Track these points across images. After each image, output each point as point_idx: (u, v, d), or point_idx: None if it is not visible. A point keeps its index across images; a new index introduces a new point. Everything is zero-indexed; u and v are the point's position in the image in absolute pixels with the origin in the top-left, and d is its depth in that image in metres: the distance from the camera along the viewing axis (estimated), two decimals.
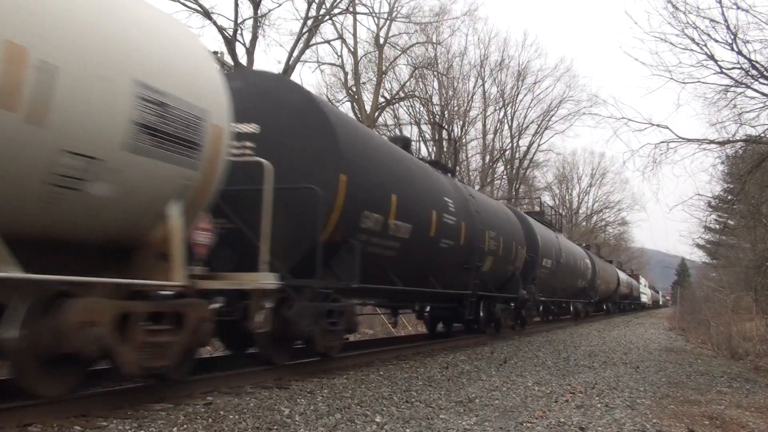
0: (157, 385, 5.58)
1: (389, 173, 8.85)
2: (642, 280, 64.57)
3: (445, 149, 34.36)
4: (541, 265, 16.97)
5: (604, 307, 35.33)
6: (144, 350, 4.90)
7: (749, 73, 9.55)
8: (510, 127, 40.16)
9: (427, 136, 35.33)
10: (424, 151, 29.92)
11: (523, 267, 15.99)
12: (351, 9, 25.66)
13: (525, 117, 40.76)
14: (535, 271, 17.57)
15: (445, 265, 10.95)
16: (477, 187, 31.50)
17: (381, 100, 29.93)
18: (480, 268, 12.49)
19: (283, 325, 6.72)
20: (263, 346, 7.04)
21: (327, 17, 24.31)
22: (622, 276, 42.13)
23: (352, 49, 28.10)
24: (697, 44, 9.65)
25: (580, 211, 59.53)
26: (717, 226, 23.04)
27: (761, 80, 9.57)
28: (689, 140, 10.44)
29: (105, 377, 5.72)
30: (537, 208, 29.67)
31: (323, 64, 31.16)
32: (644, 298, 64.29)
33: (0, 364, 5.02)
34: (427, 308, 14.10)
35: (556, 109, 41.14)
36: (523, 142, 41.81)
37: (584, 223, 58.60)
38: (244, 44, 21.27)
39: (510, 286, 15.15)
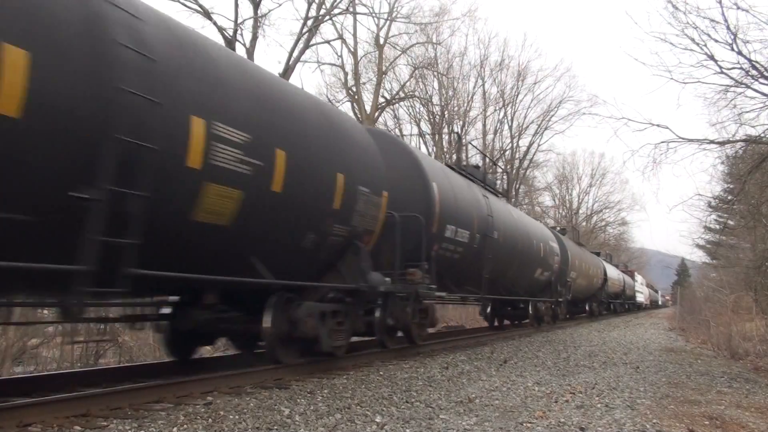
0: (157, 385, 5.59)
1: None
2: (638, 278, 58.53)
3: (445, 149, 34.39)
4: (443, 237, 11.12)
5: (587, 307, 30.63)
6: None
7: (749, 73, 9.55)
8: (510, 127, 40.22)
9: (427, 136, 35.33)
10: (424, 151, 29.91)
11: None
12: (351, 9, 25.70)
13: (525, 117, 40.82)
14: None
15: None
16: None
17: (381, 100, 29.94)
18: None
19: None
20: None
21: (327, 17, 24.34)
22: (612, 271, 36.89)
23: (352, 49, 28.15)
24: (697, 44, 9.66)
25: (580, 212, 59.56)
26: (717, 226, 23.09)
27: (761, 80, 9.57)
28: (689, 140, 10.45)
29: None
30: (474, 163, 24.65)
31: (323, 64, 31.26)
32: (641, 298, 58.64)
33: None
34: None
35: (556, 109, 41.19)
36: (523, 142, 41.87)
37: (584, 224, 58.59)
38: (244, 44, 21.31)
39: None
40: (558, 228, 29.11)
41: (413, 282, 9.69)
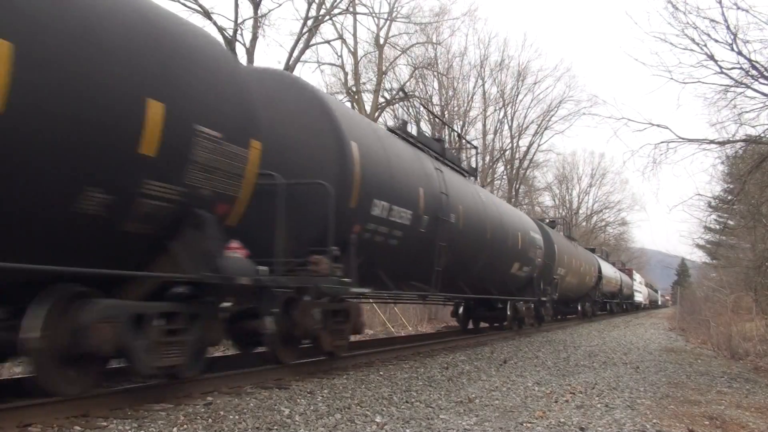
0: (157, 385, 5.59)
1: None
2: (637, 277, 56.28)
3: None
4: (369, 215, 8.54)
5: (579, 308, 28.01)
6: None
7: (749, 73, 9.55)
8: (510, 127, 40.20)
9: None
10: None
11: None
12: (351, 9, 25.69)
13: (525, 117, 40.80)
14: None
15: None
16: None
17: (381, 100, 29.93)
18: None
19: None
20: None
21: (327, 17, 24.33)
22: (608, 269, 34.11)
23: (352, 49, 28.14)
24: (697, 44, 9.66)
25: (580, 212, 59.58)
26: (717, 226, 23.10)
27: (761, 80, 9.57)
28: (689, 140, 10.45)
29: None
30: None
31: (323, 64, 31.22)
32: (639, 298, 56.24)
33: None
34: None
35: (556, 109, 41.17)
36: (523, 142, 41.86)
37: (584, 224, 58.61)
38: (244, 44, 21.29)
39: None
40: (547, 220, 25.85)
41: (316, 274, 7.16)
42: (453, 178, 11.78)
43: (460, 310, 17.05)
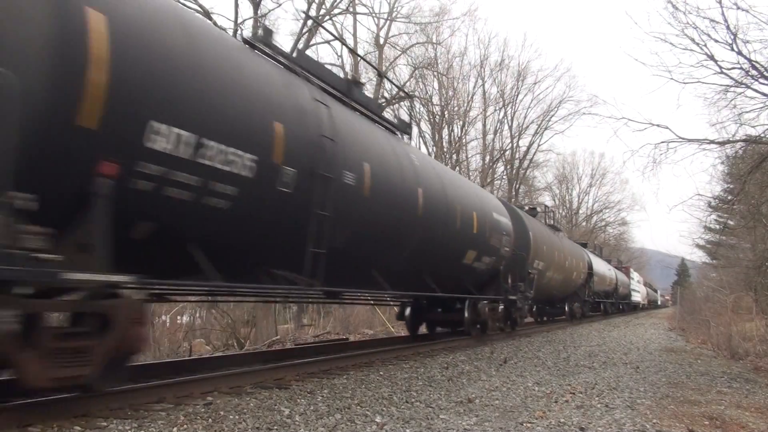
0: (157, 385, 5.59)
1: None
2: (634, 275, 52.98)
3: (446, 149, 34.40)
4: (142, 147, 4.75)
5: (566, 308, 24.98)
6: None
7: (749, 73, 9.56)
8: (510, 127, 40.22)
9: (427, 135, 35.34)
10: (424, 151, 29.93)
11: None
12: (351, 9, 25.70)
13: (525, 117, 40.83)
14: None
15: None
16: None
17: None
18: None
19: None
20: None
21: (327, 17, 24.33)
22: (600, 265, 30.77)
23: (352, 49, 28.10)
24: (697, 44, 9.68)
25: (580, 212, 59.60)
26: (717, 227, 23.09)
27: (761, 80, 9.58)
28: (689, 140, 10.47)
29: None
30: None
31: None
32: (637, 297, 53.09)
33: None
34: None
35: (556, 109, 41.20)
36: (523, 142, 41.89)
37: (584, 224, 58.62)
38: None
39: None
40: (527, 207, 21.52)
41: None
42: (357, 124, 8.44)
43: (407, 311, 13.66)
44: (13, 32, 4.18)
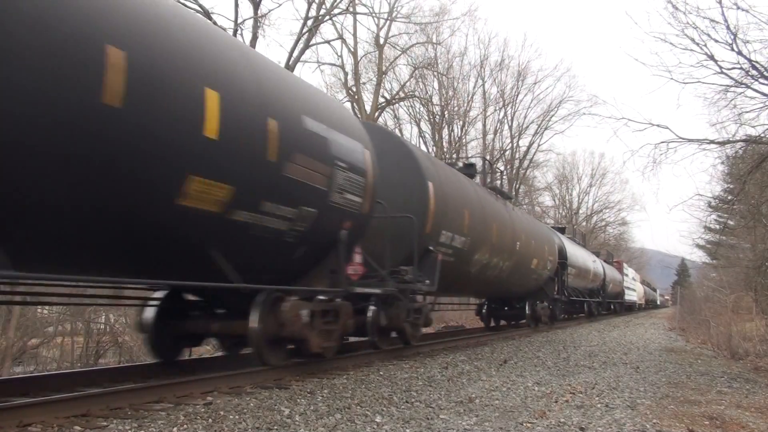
0: (157, 385, 5.59)
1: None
2: (629, 271, 47.56)
3: (446, 149, 34.41)
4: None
5: (527, 309, 18.33)
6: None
7: (749, 73, 9.57)
8: (510, 127, 40.27)
9: (427, 135, 35.35)
10: (423, 149, 29.88)
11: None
12: (351, 9, 25.70)
13: (525, 117, 40.88)
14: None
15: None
16: None
17: (381, 100, 29.94)
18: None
19: None
20: None
21: (327, 17, 24.34)
22: (578, 255, 24.88)
23: (352, 49, 28.18)
24: (697, 44, 9.69)
25: (580, 212, 59.60)
26: (717, 226, 23.11)
27: (761, 80, 9.59)
28: (689, 140, 10.48)
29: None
30: None
31: (323, 64, 31.27)
32: (632, 296, 47.70)
33: None
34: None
35: (556, 109, 41.25)
36: (523, 142, 41.93)
37: (584, 224, 58.62)
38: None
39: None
40: (462, 164, 15.85)
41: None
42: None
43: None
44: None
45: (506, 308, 19.39)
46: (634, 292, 49.92)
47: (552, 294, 20.19)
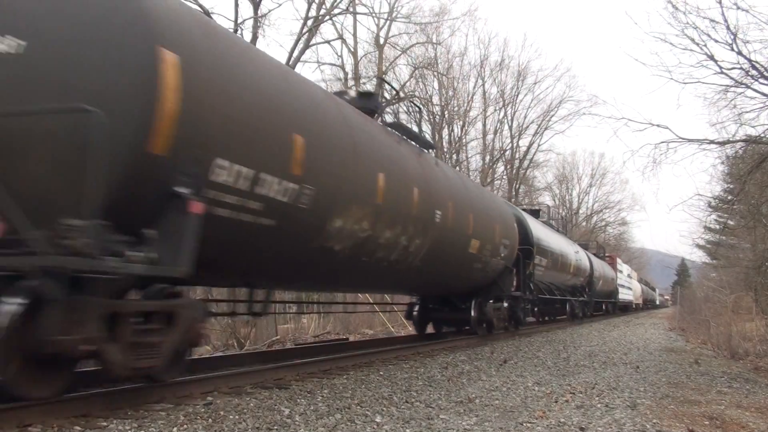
0: (158, 384, 5.59)
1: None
2: (623, 267, 42.62)
3: (446, 149, 34.40)
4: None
5: (473, 311, 13.23)
6: None
7: (749, 73, 9.57)
8: (510, 127, 40.24)
9: (427, 135, 35.33)
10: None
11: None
12: (351, 9, 25.67)
13: (525, 117, 40.86)
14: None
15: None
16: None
17: (381, 100, 29.92)
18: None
19: None
20: None
21: (327, 17, 24.31)
22: (554, 242, 20.13)
23: (352, 49, 28.16)
24: (697, 44, 9.68)
25: (580, 212, 59.60)
26: (717, 227, 23.09)
27: (761, 80, 9.59)
28: (689, 140, 10.47)
29: None
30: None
31: (323, 64, 31.24)
32: (627, 295, 43.34)
33: None
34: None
35: (556, 109, 41.22)
36: (523, 142, 41.91)
37: (584, 224, 58.63)
38: None
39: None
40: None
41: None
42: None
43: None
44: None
45: (447, 309, 14.05)
46: (630, 291, 45.81)
47: (509, 290, 14.65)
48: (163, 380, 5.51)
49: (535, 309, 19.33)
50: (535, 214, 21.38)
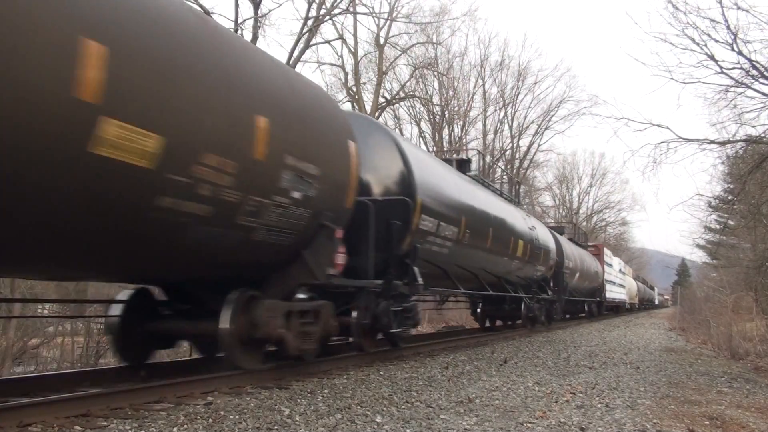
0: (158, 385, 5.59)
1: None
2: (613, 261, 35.56)
3: (446, 149, 34.40)
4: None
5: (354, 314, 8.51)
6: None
7: (749, 73, 9.57)
8: (510, 127, 40.29)
9: (427, 135, 35.35)
10: (423, 147, 29.83)
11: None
12: (351, 9, 25.69)
13: (525, 117, 40.91)
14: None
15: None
16: None
17: (381, 100, 29.94)
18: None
19: None
20: None
21: (327, 17, 24.33)
22: (487, 202, 13.44)
23: (353, 49, 28.19)
24: (698, 44, 9.68)
25: (581, 212, 59.57)
26: (717, 226, 23.09)
27: (761, 80, 9.58)
28: (689, 140, 10.46)
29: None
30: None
31: (323, 64, 31.31)
32: (618, 294, 35.99)
33: None
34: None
35: (556, 109, 41.26)
36: (523, 142, 41.94)
37: (584, 224, 58.62)
38: None
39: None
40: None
41: None
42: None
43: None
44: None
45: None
46: (623, 289, 39.44)
47: (392, 290, 9.27)
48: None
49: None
50: (490, 186, 16.33)
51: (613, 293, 34.57)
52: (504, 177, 39.20)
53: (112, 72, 4.37)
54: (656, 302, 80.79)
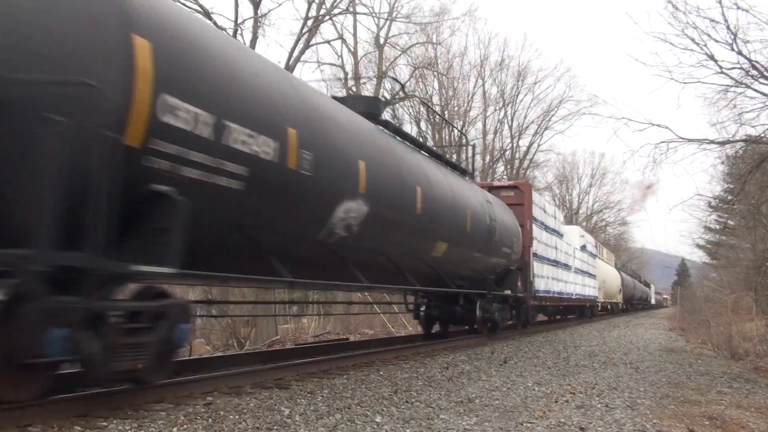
0: (158, 385, 5.59)
1: None
2: (574, 233, 26.84)
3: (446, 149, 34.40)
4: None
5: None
6: None
7: (749, 73, 9.57)
8: (510, 127, 40.22)
9: (427, 135, 35.34)
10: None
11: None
12: (351, 9, 25.67)
13: (525, 117, 40.81)
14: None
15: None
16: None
17: (381, 99, 29.91)
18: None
19: None
20: None
21: (327, 17, 24.30)
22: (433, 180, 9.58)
23: (353, 49, 28.16)
24: (697, 44, 9.68)
25: (581, 212, 59.55)
26: (717, 226, 23.10)
27: (761, 80, 9.59)
28: (689, 140, 10.45)
29: None
30: None
31: (323, 64, 31.18)
32: (586, 288, 26.04)
33: None
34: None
35: (556, 109, 41.15)
36: (523, 142, 41.87)
37: (584, 224, 58.60)
38: (244, 44, 21.27)
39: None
40: None
41: None
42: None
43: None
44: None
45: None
46: (593, 280, 27.83)
47: None
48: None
49: None
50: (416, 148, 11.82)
51: (562, 285, 20.79)
52: (504, 177, 39.21)
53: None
54: (653, 302, 74.02)
